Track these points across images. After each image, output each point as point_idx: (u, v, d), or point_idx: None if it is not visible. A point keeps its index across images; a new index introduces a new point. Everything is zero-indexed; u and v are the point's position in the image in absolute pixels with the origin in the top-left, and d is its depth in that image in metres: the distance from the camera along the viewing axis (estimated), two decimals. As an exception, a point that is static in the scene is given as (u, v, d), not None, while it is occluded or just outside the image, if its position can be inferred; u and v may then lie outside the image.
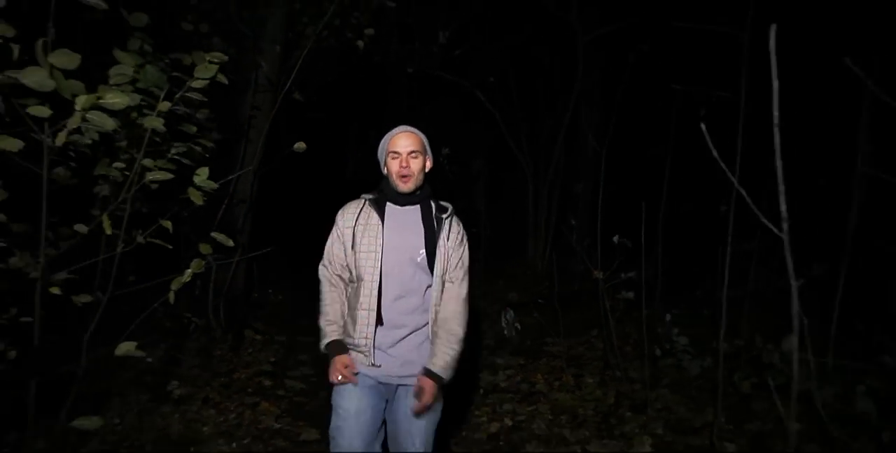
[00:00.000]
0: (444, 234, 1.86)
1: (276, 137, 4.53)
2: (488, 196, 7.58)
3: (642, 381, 3.18)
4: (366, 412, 1.79)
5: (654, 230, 3.73)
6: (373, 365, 1.79)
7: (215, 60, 2.13)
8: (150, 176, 1.85)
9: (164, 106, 1.93)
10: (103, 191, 2.36)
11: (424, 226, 1.85)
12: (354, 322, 1.82)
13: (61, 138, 1.66)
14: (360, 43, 4.04)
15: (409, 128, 1.90)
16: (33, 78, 1.56)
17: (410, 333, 1.84)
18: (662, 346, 3.31)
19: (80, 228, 1.75)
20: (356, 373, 1.79)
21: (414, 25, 4.77)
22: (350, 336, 1.83)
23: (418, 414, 1.79)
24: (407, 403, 1.82)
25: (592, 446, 2.58)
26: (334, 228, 1.91)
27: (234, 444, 2.64)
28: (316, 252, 1.98)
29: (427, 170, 1.90)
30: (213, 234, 2.10)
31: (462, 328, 1.85)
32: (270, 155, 4.13)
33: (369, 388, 1.82)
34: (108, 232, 1.74)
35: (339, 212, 1.92)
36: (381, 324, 1.80)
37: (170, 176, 1.88)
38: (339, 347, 1.83)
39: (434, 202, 1.92)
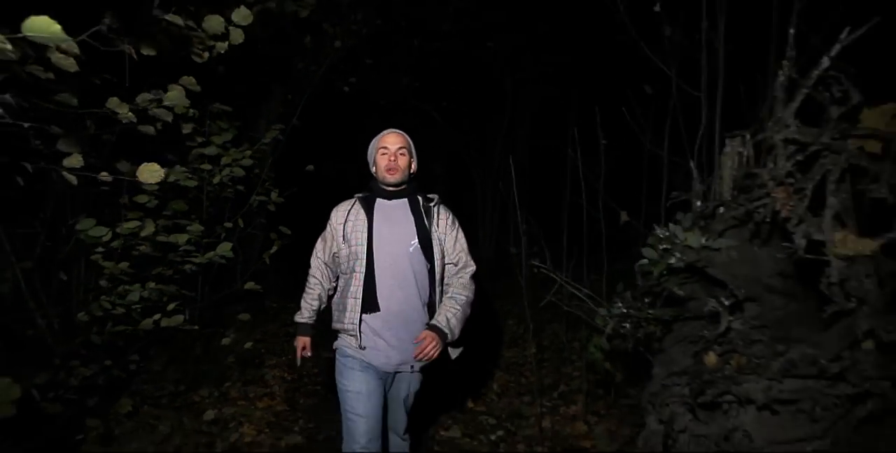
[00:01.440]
0: (434, 221, 2.08)
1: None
2: (447, 194, 9.59)
3: (538, 320, 5.24)
4: (374, 393, 2.06)
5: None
6: (362, 347, 2.03)
7: (277, 128, 4.02)
8: (256, 198, 3.75)
9: (255, 152, 3.81)
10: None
11: (414, 217, 2.07)
12: (345, 309, 2.05)
13: (216, 180, 3.53)
14: (346, 88, 5.92)
15: (397, 130, 2.15)
16: (210, 150, 3.43)
17: (407, 321, 2.05)
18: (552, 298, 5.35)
19: (227, 224, 3.61)
20: (353, 356, 2.06)
21: (381, 67, 6.68)
22: (341, 321, 2.08)
23: (419, 359, 1.99)
24: (401, 388, 2.15)
25: (501, 352, 4.59)
26: (328, 224, 2.18)
27: (288, 356, 4.54)
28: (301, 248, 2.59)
29: (412, 171, 2.15)
30: (281, 228, 3.98)
31: (465, 295, 2.09)
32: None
33: (371, 372, 2.07)
34: (242, 225, 3.63)
35: (333, 210, 2.19)
36: (378, 309, 2.02)
37: (266, 198, 3.78)
38: (303, 329, 2.23)
39: (421, 195, 2.15)
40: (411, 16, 6.16)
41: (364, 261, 2.03)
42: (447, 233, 2.12)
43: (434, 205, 2.14)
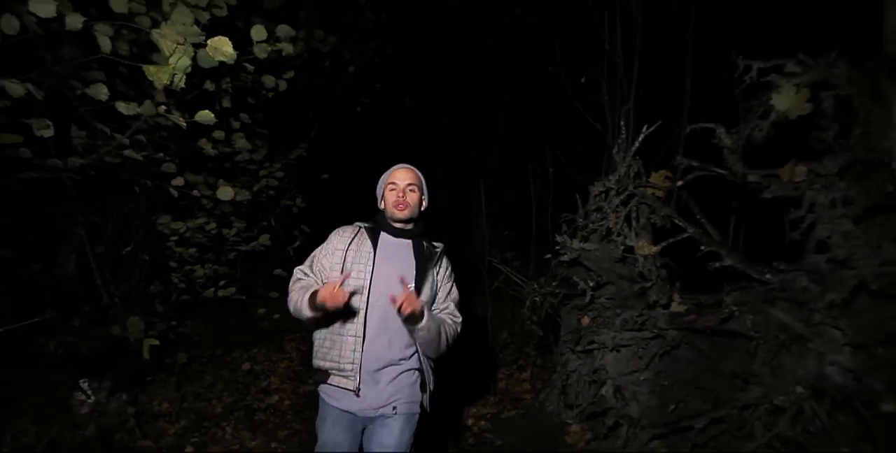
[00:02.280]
0: (434, 269, 2.01)
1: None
2: (448, 198, 10.76)
3: (515, 312, 6.37)
4: (344, 443, 2.00)
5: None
6: (358, 389, 1.93)
7: (302, 145, 5.18)
8: (285, 202, 4.91)
9: (283, 166, 4.99)
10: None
11: (416, 260, 1.99)
12: (340, 347, 1.94)
13: (256, 188, 4.69)
14: (358, 108, 7.09)
15: (408, 165, 2.09)
16: (253, 166, 4.59)
17: (389, 366, 1.98)
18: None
19: (263, 223, 4.77)
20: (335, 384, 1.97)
21: (389, 89, 7.85)
22: (334, 361, 1.95)
23: (398, 306, 1.83)
24: (385, 433, 2.00)
25: (476, 338, 5.72)
26: (326, 244, 2.06)
27: (303, 333, 5.67)
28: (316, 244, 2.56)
29: (423, 208, 2.07)
30: (302, 226, 5.13)
31: (454, 327, 2.04)
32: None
33: (346, 421, 2.00)
34: (273, 223, 4.79)
35: (335, 232, 2.08)
36: (366, 350, 1.93)
37: (292, 203, 4.94)
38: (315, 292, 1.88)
39: (426, 240, 2.08)
40: (416, 44, 7.34)
41: (366, 298, 1.94)
42: (442, 283, 2.07)
43: (438, 253, 2.09)
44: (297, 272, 2.08)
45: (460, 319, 2.13)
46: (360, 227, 2.08)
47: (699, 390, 2.71)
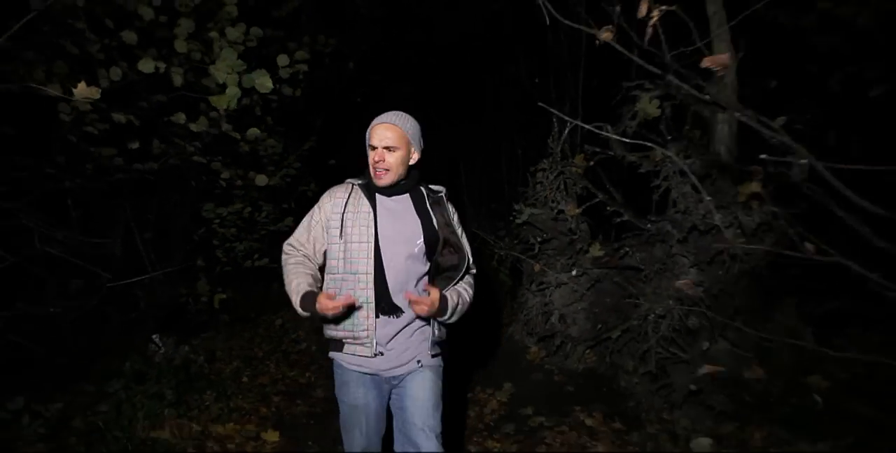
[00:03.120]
0: (441, 220, 1.99)
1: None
2: (447, 178, 11.86)
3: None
4: (371, 404, 2.02)
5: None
6: (376, 355, 1.95)
7: (312, 138, 6.29)
8: (302, 187, 6.03)
9: (298, 157, 6.10)
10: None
11: (419, 215, 1.96)
12: (353, 315, 1.93)
13: (279, 176, 5.79)
14: (359, 99, 8.15)
15: (393, 117, 1.96)
16: (276, 158, 5.71)
17: (408, 324, 1.99)
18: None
19: (284, 206, 5.89)
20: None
21: (386, 81, 8.88)
22: (348, 330, 1.96)
23: (419, 314, 1.91)
24: (418, 386, 1.99)
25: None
26: (316, 210, 2.02)
27: None
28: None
29: (413, 162, 2.00)
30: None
31: (470, 292, 2.06)
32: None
33: (370, 381, 2.01)
34: (293, 206, 5.93)
35: (326, 194, 2.03)
36: (401, 311, 1.94)
37: (307, 188, 6.06)
38: (312, 296, 1.92)
39: (424, 187, 2.04)
40: (409, 37, 8.38)
41: (373, 261, 1.91)
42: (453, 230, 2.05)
43: (440, 201, 2.06)
44: (286, 248, 2.09)
45: (474, 270, 2.16)
46: (353, 185, 2.03)
47: (617, 312, 3.84)
